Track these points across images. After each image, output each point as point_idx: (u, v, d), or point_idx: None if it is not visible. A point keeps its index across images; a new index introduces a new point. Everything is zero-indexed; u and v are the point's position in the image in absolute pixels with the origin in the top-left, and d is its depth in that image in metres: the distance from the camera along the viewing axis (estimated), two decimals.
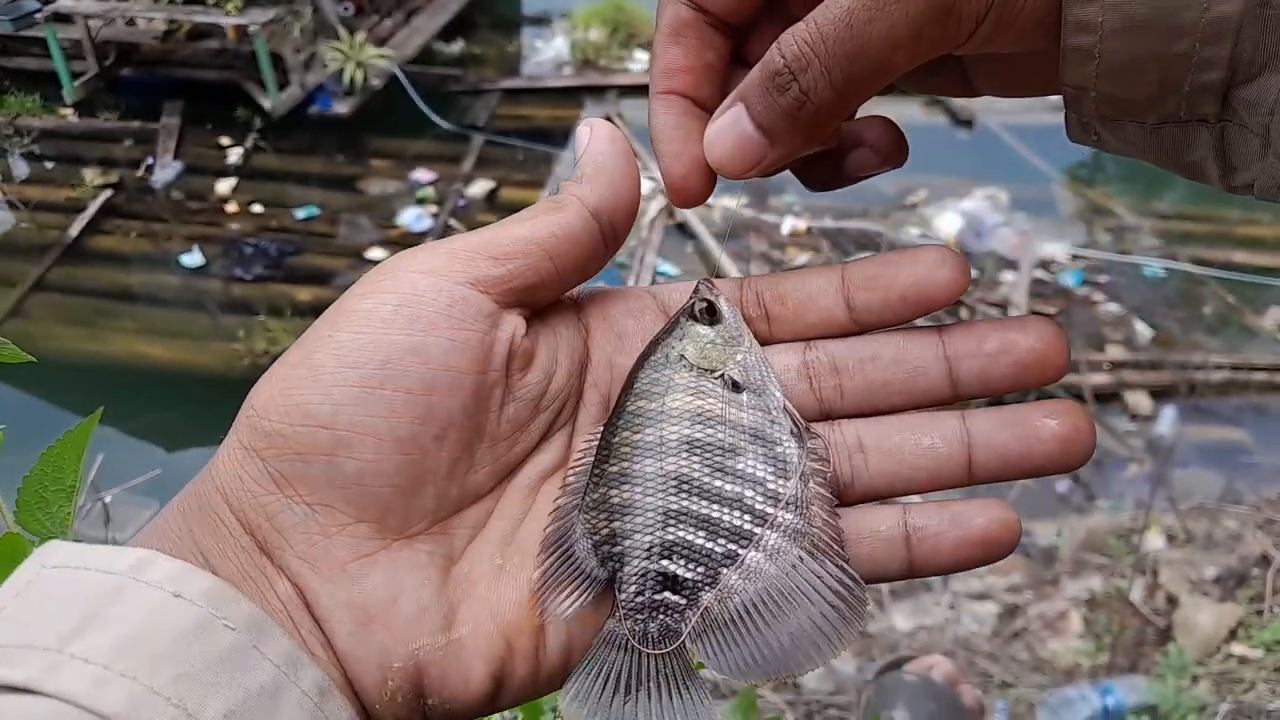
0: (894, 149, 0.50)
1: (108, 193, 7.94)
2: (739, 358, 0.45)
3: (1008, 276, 6.58)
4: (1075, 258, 6.69)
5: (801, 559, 0.41)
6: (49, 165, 8.63)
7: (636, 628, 0.40)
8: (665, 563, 0.41)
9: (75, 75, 9.09)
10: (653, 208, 7.05)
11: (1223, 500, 4.44)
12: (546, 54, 9.67)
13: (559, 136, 8.52)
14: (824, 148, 0.48)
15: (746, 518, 0.42)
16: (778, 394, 0.44)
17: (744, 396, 0.44)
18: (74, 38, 9.07)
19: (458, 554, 0.43)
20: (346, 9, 9.28)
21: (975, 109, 8.22)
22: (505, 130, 8.53)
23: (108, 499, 2.48)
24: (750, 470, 0.42)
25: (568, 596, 0.41)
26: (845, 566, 0.41)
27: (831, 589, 0.40)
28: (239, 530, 0.40)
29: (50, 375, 5.92)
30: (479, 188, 7.80)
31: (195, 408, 5.62)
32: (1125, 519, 4.46)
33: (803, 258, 7.19)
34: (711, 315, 0.46)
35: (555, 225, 0.45)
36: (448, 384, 0.41)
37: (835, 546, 0.41)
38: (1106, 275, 6.53)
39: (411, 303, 0.41)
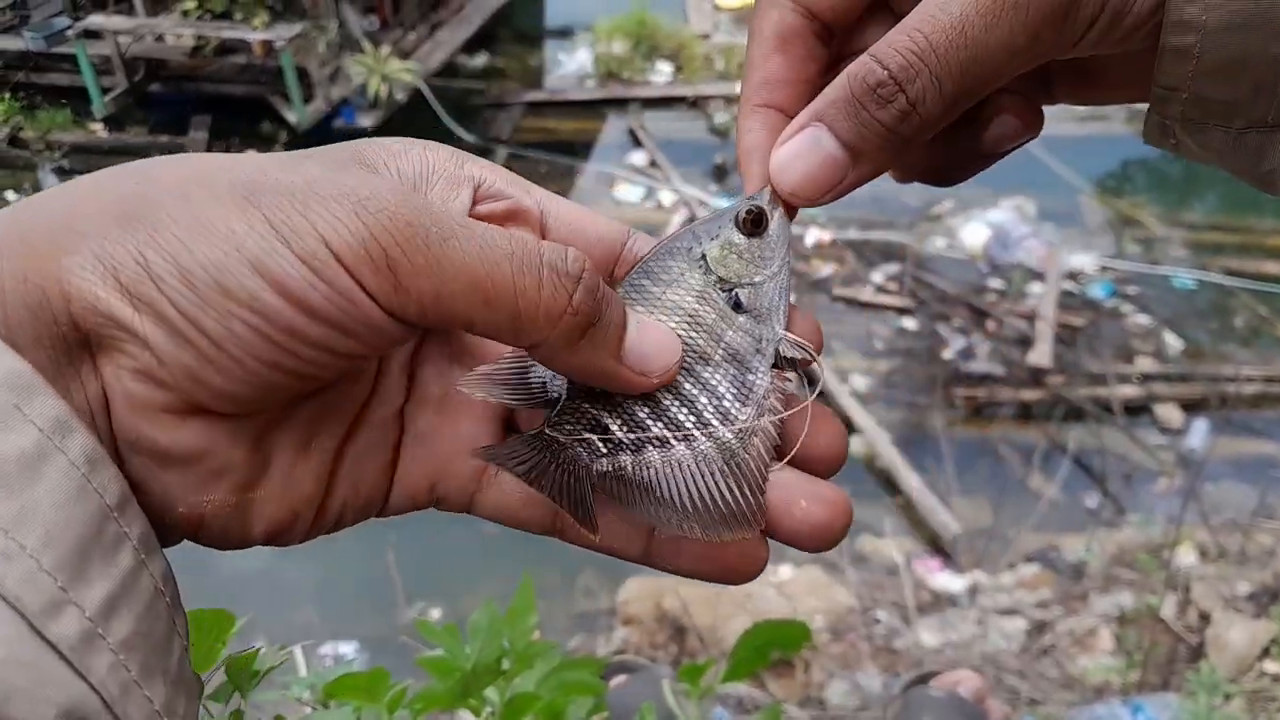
0: (1035, 113, 0.47)
1: None
2: (757, 279, 0.45)
3: (1035, 288, 6.55)
4: (1104, 269, 6.65)
5: (721, 472, 0.42)
6: None
7: (557, 446, 0.42)
8: (606, 416, 0.42)
9: (105, 90, 9.24)
10: (675, 221, 7.07)
11: (1256, 515, 4.38)
12: (569, 67, 9.73)
13: (582, 149, 8.58)
14: (891, 169, 0.46)
15: (691, 419, 0.43)
16: (779, 328, 0.45)
17: (742, 318, 0.44)
18: (104, 54, 9.23)
19: (279, 423, 0.40)
20: (371, 23, 9.39)
21: None
22: (529, 143, 8.59)
23: None
24: (714, 383, 0.43)
25: (500, 388, 0.41)
26: (755, 496, 0.42)
27: (732, 508, 0.41)
28: (66, 320, 0.34)
29: None
30: None
31: None
32: (1156, 534, 4.41)
33: (827, 269, 7.18)
34: (755, 226, 0.45)
35: None
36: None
37: (755, 478, 0.42)
38: (1136, 286, 6.49)
39: None
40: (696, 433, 0.42)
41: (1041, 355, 5.98)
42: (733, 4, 10.28)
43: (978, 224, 7.03)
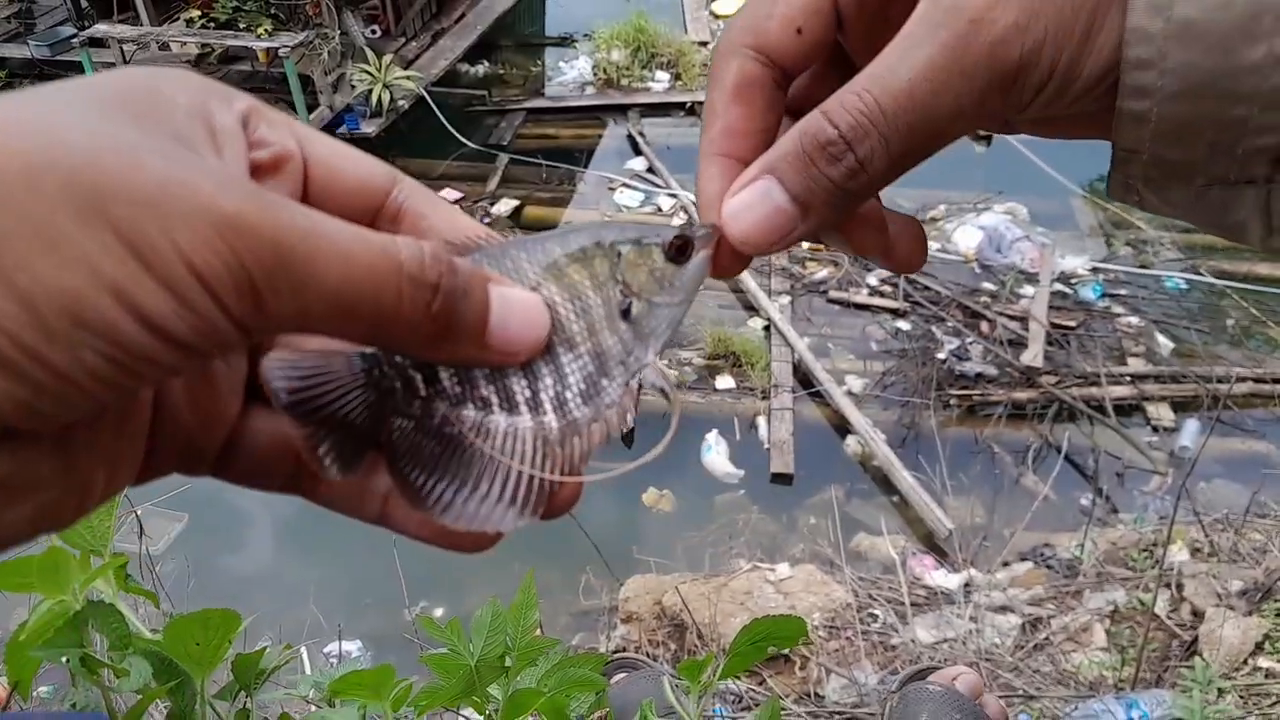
0: (910, 254, 0.49)
1: None
2: (657, 300, 0.44)
3: (1028, 290, 6.58)
4: (1096, 271, 6.67)
5: (526, 455, 0.40)
6: None
7: (376, 375, 0.39)
8: (429, 368, 0.40)
9: None
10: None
11: (1247, 513, 4.41)
12: (569, 74, 9.75)
13: (581, 154, 8.60)
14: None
15: (527, 393, 0.41)
16: (650, 357, 0.43)
17: (624, 327, 0.43)
18: (109, 62, 9.25)
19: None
20: (374, 32, 9.43)
21: None
22: (529, 149, 8.62)
23: (139, 511, 2.57)
24: (566, 370, 0.42)
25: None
26: (540, 494, 0.40)
27: (520, 493, 0.40)
28: None
29: None
30: (504, 205, 7.90)
31: None
32: (1148, 532, 4.45)
33: (822, 272, 7.21)
34: (678, 254, 0.44)
35: None
36: None
37: (556, 472, 0.41)
38: (1127, 288, 6.51)
39: None
40: (523, 408, 0.41)
41: (1034, 356, 6.00)
42: (730, 12, 10.31)
43: (971, 227, 7.06)
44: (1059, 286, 6.54)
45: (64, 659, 0.84)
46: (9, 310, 0.28)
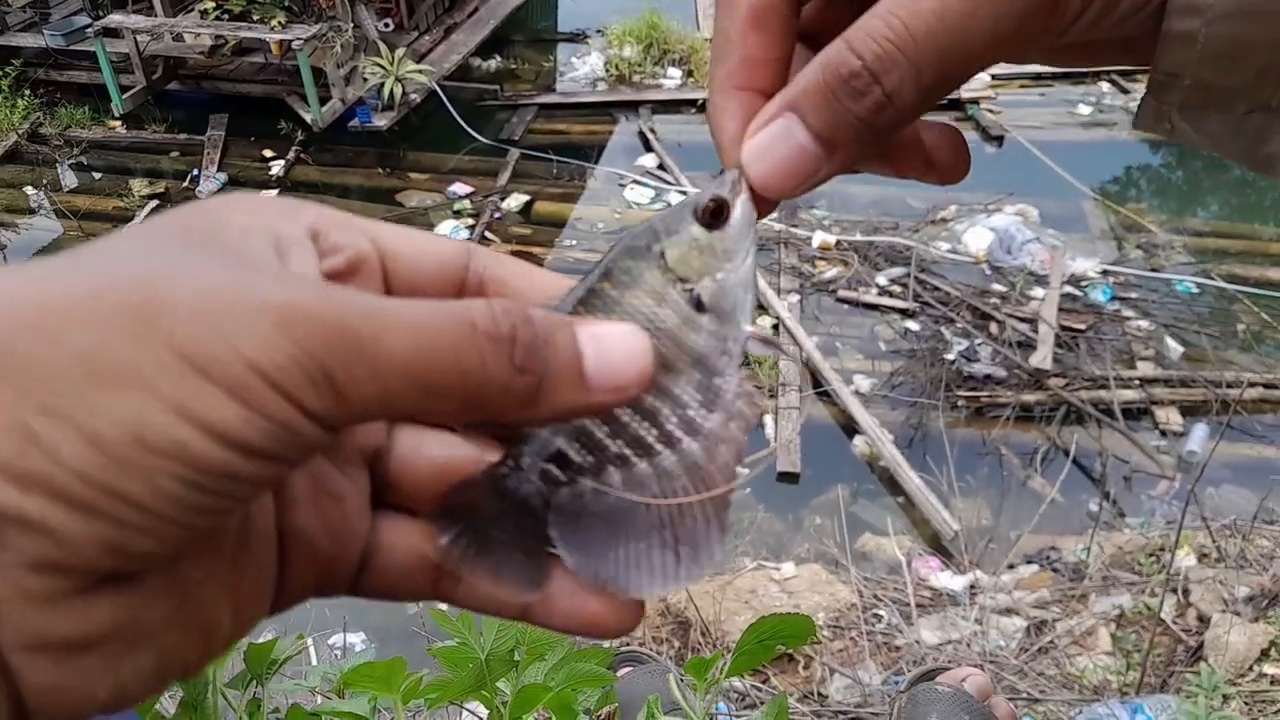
0: (954, 165, 0.45)
1: (154, 203, 8.13)
2: (719, 275, 0.41)
3: (1038, 292, 6.56)
4: (1106, 273, 6.65)
5: (685, 489, 0.39)
6: (97, 176, 8.82)
7: (513, 483, 0.39)
8: (561, 440, 0.39)
9: (124, 89, 9.27)
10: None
11: (1255, 519, 4.39)
12: (581, 70, 9.75)
13: (592, 150, 8.61)
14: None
15: (654, 432, 0.39)
16: (746, 325, 0.41)
17: (705, 319, 0.40)
18: (123, 52, 9.28)
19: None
20: (386, 25, 9.45)
21: (1006, 125, 8.20)
22: (540, 145, 8.62)
23: None
24: (678, 392, 0.40)
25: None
26: (719, 515, 0.39)
27: (694, 529, 0.39)
28: None
29: None
30: (514, 200, 7.90)
31: None
32: (1155, 536, 4.44)
33: (831, 271, 7.21)
34: (716, 218, 0.41)
35: None
36: None
37: (721, 494, 0.39)
38: (1137, 291, 6.49)
39: None
40: (658, 446, 0.39)
41: (1043, 358, 5.99)
42: None
43: (981, 228, 7.04)
44: (1069, 289, 6.52)
45: None
46: (77, 451, 0.27)
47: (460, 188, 8.00)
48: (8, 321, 0.27)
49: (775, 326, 6.86)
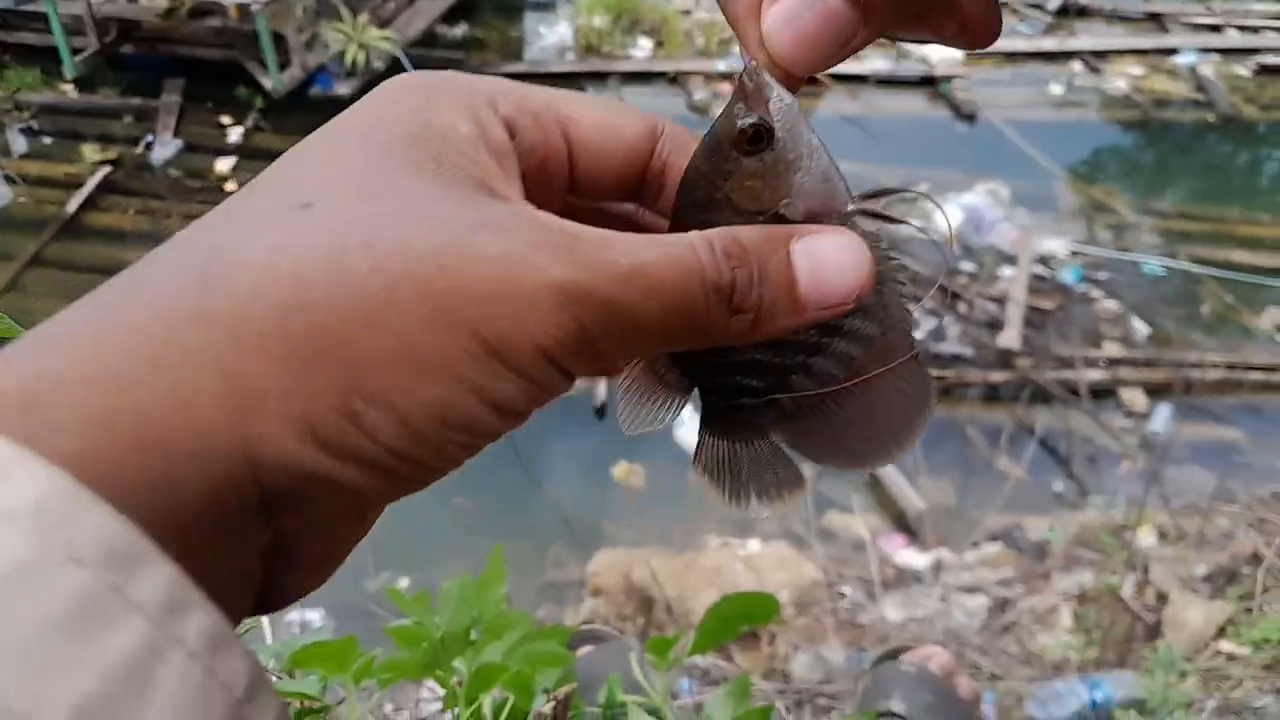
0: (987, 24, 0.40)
1: (106, 169, 7.93)
2: (795, 188, 0.38)
3: (1006, 271, 6.58)
4: (1075, 254, 6.69)
5: (867, 364, 0.40)
6: (48, 140, 8.61)
7: (724, 424, 0.41)
8: (738, 378, 0.40)
9: (76, 51, 9.06)
10: None
11: (1215, 499, 4.45)
12: (549, 39, 9.65)
13: None
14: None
15: (813, 331, 0.39)
16: (844, 204, 0.39)
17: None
18: (75, 13, 9.04)
19: None
20: None
21: (978, 103, 8.20)
22: None
23: None
24: None
25: (655, 407, 0.41)
26: (918, 377, 0.40)
27: (896, 385, 0.40)
28: (249, 487, 0.29)
29: None
30: None
31: None
32: (1118, 516, 4.48)
33: None
34: (757, 141, 0.37)
35: None
36: None
37: (902, 347, 0.40)
38: (1106, 272, 6.53)
39: None
40: (823, 339, 0.39)
41: (1011, 338, 6.02)
42: None
43: (951, 206, 7.05)
44: (1038, 269, 6.55)
45: None
46: (387, 429, 0.30)
47: None
48: (328, 307, 0.29)
49: None
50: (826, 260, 0.36)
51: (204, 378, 0.28)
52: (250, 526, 0.29)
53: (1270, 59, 8.56)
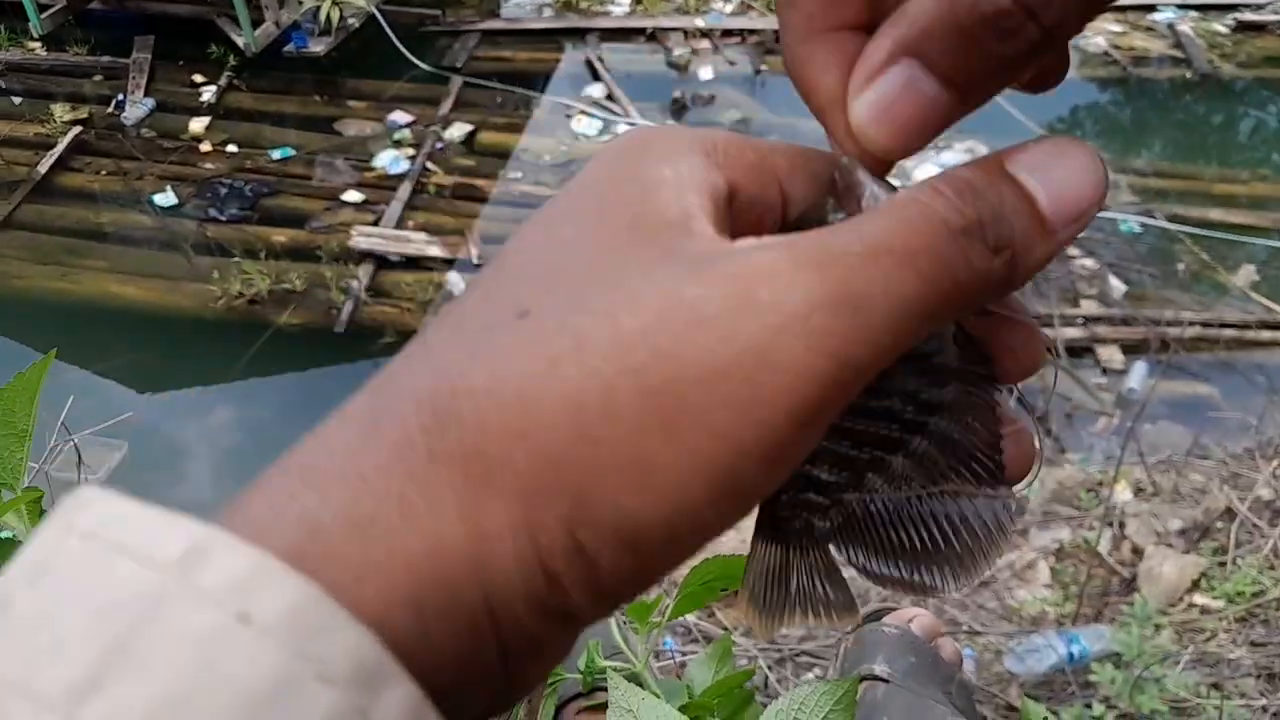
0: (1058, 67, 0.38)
1: (77, 129, 7.80)
2: None
3: None
4: None
5: (950, 468, 0.37)
6: (16, 100, 8.44)
7: (784, 526, 0.38)
8: (809, 467, 0.37)
9: (42, 8, 8.88)
10: None
11: (1190, 454, 4.50)
12: None
13: (538, 79, 8.42)
14: None
15: (895, 426, 0.37)
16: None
17: None
18: None
19: None
20: None
21: None
22: (484, 72, 8.40)
23: (77, 440, 2.46)
24: (897, 382, 0.37)
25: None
26: (993, 481, 0.37)
27: (975, 505, 0.37)
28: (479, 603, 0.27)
29: (18, 314, 5.84)
30: (457, 130, 7.70)
31: (169, 350, 5.57)
32: (1095, 472, 4.53)
33: None
34: (844, 201, 0.37)
35: None
36: None
37: (986, 461, 0.37)
38: (1083, 230, 6.56)
39: None
40: (905, 436, 0.37)
41: None
42: None
43: (932, 165, 7.03)
44: None
45: None
46: (615, 559, 0.27)
47: (400, 116, 7.76)
48: (550, 429, 0.26)
49: None
50: (1052, 170, 0.32)
51: (446, 524, 0.26)
52: (490, 674, 0.28)
53: (1248, 15, 8.54)
